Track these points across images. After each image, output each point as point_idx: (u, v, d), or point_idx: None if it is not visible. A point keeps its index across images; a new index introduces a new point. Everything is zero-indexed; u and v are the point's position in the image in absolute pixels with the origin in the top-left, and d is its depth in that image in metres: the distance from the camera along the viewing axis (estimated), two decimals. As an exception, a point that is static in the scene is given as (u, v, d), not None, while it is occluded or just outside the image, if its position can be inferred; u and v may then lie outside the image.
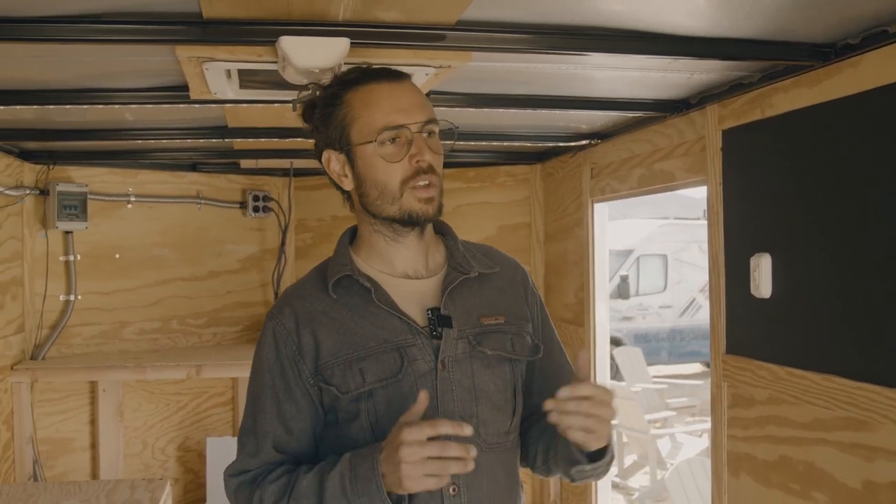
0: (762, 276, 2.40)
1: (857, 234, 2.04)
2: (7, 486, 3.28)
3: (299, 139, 3.38)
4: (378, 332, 1.66)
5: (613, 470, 8.28)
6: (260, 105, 2.64)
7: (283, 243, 4.65)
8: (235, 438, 4.22)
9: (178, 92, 2.56)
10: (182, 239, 4.44)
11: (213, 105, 2.71)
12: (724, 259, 2.62)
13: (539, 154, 4.28)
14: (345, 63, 1.98)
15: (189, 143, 3.63)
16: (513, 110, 2.95)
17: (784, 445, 2.37)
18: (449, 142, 1.76)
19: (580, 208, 3.83)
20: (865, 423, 2.03)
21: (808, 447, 2.26)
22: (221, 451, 4.22)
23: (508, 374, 1.74)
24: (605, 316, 3.76)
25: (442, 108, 2.71)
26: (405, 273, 1.73)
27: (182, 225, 4.44)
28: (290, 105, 2.47)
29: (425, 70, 2.19)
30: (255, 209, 4.56)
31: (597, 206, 3.72)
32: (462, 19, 1.93)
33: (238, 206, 4.60)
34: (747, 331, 2.55)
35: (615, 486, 8.01)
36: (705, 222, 2.80)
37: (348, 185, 1.72)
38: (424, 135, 1.65)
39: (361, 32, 1.92)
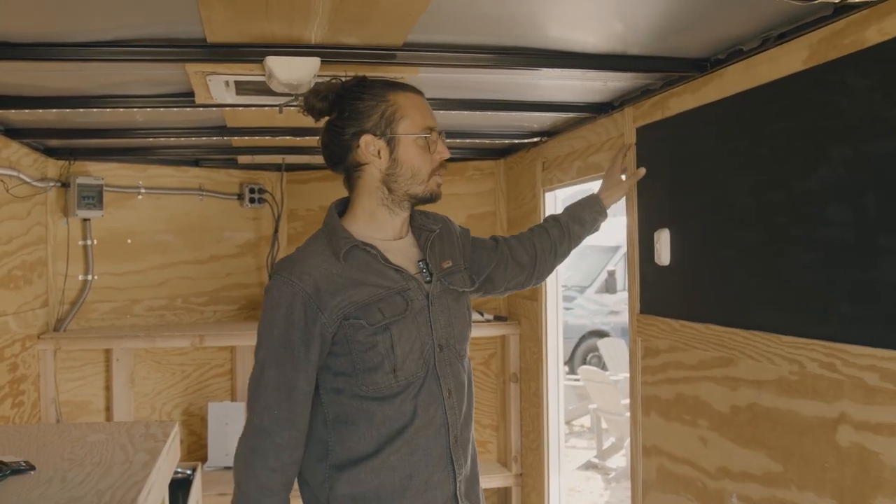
0: (662, 247, 2.86)
1: (726, 210, 2.50)
2: (43, 424, 3.77)
3: (288, 137, 3.86)
4: (384, 282, 2.10)
5: (592, 451, 8.72)
6: (254, 108, 3.09)
7: (276, 231, 5.06)
8: (234, 404, 4.72)
9: (184, 98, 3.00)
10: (186, 226, 4.85)
11: (215, 108, 3.12)
12: (637, 235, 3.10)
13: (502, 150, 4.70)
14: (317, 75, 2.49)
15: (192, 141, 4.02)
16: (477, 112, 3.37)
17: (679, 385, 2.84)
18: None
19: (535, 197, 4.29)
20: (731, 360, 2.51)
21: (695, 384, 2.73)
22: (221, 415, 4.69)
23: (465, 302, 2.28)
24: (554, 289, 4.23)
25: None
26: (392, 236, 2.18)
27: (186, 214, 4.85)
28: (277, 109, 3.01)
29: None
30: (252, 200, 4.98)
31: (547, 194, 4.19)
32: (408, 41, 2.39)
33: (236, 197, 5.01)
34: (654, 293, 3.01)
35: (593, 466, 8.42)
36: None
37: (381, 165, 2.11)
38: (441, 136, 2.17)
39: (329, 52, 2.41)
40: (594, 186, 3.11)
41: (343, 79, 2.17)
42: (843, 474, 2.05)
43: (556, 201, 4.22)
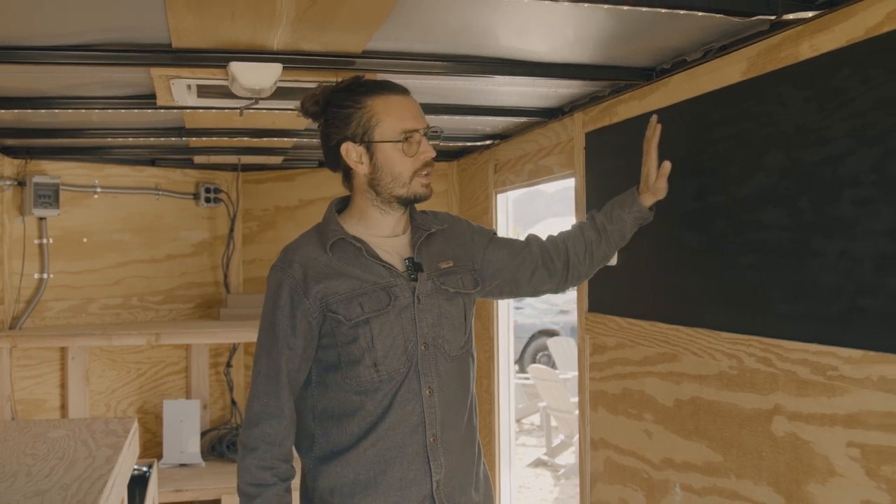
0: (611, 248, 2.99)
1: (671, 214, 2.60)
2: (2, 421, 3.79)
3: (245, 138, 3.93)
4: (369, 277, 2.12)
5: (542, 449, 8.86)
6: (214, 110, 3.17)
7: (231, 230, 5.13)
8: (189, 401, 4.76)
9: (145, 100, 3.06)
10: (141, 226, 4.88)
11: (175, 110, 3.20)
12: (586, 236, 3.21)
13: (456, 152, 4.82)
14: (280, 81, 2.57)
15: (150, 141, 4.02)
16: (433, 116, 3.43)
17: (625, 380, 2.96)
18: (436, 141, 2.24)
19: (487, 198, 4.39)
20: (675, 356, 2.63)
21: (641, 379, 2.85)
22: (176, 412, 4.73)
23: (461, 303, 2.24)
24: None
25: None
26: (386, 233, 2.19)
27: (142, 213, 4.88)
28: (238, 112, 3.08)
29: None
30: (207, 200, 5.03)
31: (499, 195, 4.31)
32: (367, 49, 2.50)
33: (191, 197, 5.06)
34: (602, 292, 3.13)
35: (543, 463, 8.55)
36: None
37: (363, 170, 2.13)
38: (426, 136, 2.14)
39: (291, 59, 2.50)
40: (545, 189, 3.21)
41: (336, 82, 2.20)
42: (778, 462, 2.17)
43: (507, 203, 4.33)
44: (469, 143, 4.33)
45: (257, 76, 2.47)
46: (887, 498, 1.83)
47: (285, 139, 3.99)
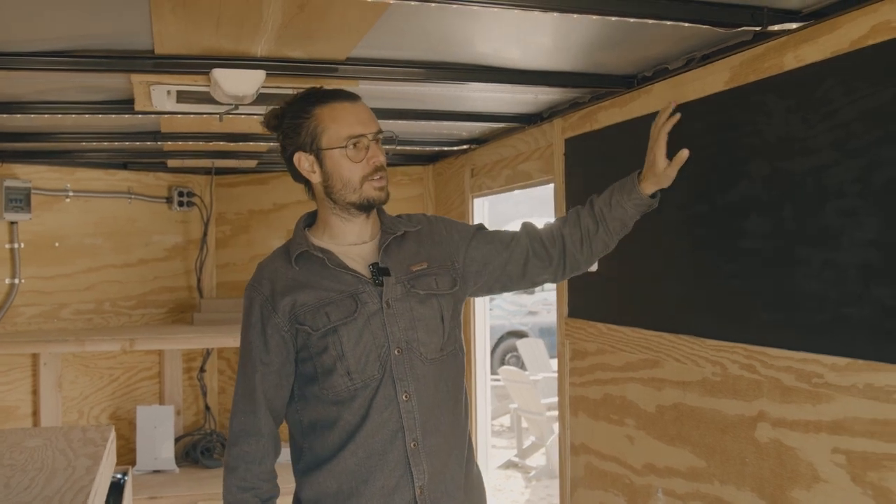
0: (591, 254, 3.00)
1: (654, 221, 2.61)
2: None
3: (222, 143, 3.91)
4: (335, 286, 2.12)
5: (513, 450, 8.89)
6: (192, 115, 3.15)
7: (205, 234, 5.09)
8: (163, 407, 4.73)
9: (122, 104, 3.04)
10: (114, 230, 4.84)
11: (151, 115, 3.14)
12: (566, 242, 3.22)
13: (431, 157, 4.82)
14: (262, 87, 2.56)
15: (124, 145, 3.99)
16: (411, 121, 3.47)
17: (607, 386, 2.98)
18: (390, 146, 2.29)
19: (463, 202, 4.40)
20: (657, 362, 2.65)
21: (622, 385, 2.87)
22: (150, 418, 4.69)
23: (437, 305, 2.20)
24: (483, 294, 4.36)
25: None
26: (353, 241, 2.20)
27: (114, 217, 4.84)
28: (218, 117, 3.06)
29: (324, 92, 2.77)
30: (180, 204, 5.00)
31: (475, 200, 4.32)
32: (351, 56, 2.50)
33: (164, 200, 5.02)
34: (582, 298, 3.14)
35: (514, 465, 8.56)
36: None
37: (316, 179, 2.16)
38: (375, 141, 2.14)
39: (274, 66, 2.49)
40: (523, 194, 3.22)
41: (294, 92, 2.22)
42: (762, 468, 2.20)
43: (484, 208, 4.34)
44: (444, 148, 4.33)
45: (240, 83, 2.46)
46: (873, 504, 1.86)
47: (261, 143, 3.97)
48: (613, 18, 2.03)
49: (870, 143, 1.84)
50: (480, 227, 2.42)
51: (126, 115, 3.14)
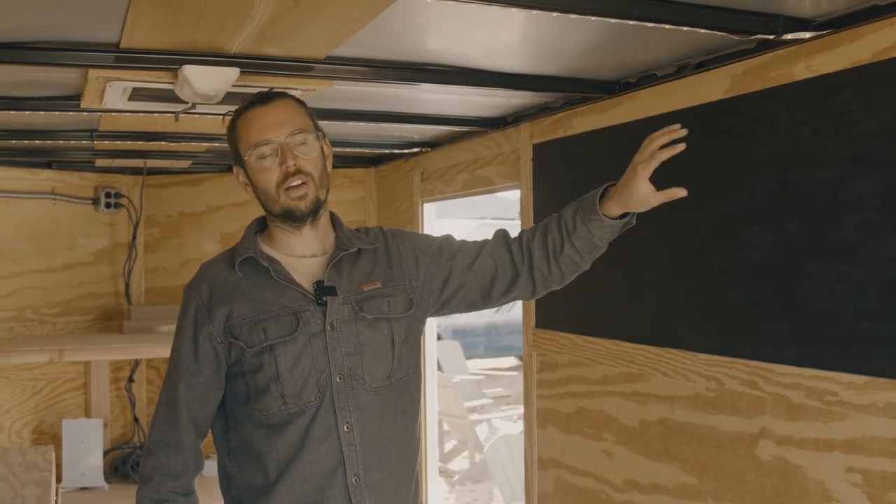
0: (563, 263, 2.93)
1: (636, 231, 2.58)
2: None
3: (163, 143, 3.72)
4: (278, 300, 1.94)
5: (434, 454, 8.80)
6: (141, 114, 2.96)
7: (133, 237, 4.86)
8: (90, 420, 4.48)
9: (66, 101, 2.85)
10: (37, 233, 4.58)
11: (88, 112, 2.95)
12: (533, 250, 3.14)
13: (374, 159, 4.69)
14: (233, 86, 2.41)
15: (51, 143, 3.77)
16: (358, 122, 3.35)
17: (581, 399, 2.91)
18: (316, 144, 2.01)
19: (412, 207, 4.29)
20: (641, 376, 2.59)
21: (600, 398, 2.81)
22: (76, 432, 4.45)
23: (387, 329, 2.00)
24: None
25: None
26: (303, 254, 2.01)
27: (37, 220, 4.57)
28: (173, 116, 2.89)
29: (294, 92, 2.62)
30: (107, 205, 4.75)
31: (426, 205, 4.21)
32: (329, 55, 2.38)
33: (90, 202, 4.77)
34: (553, 308, 3.06)
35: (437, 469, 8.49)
36: (519, 222, 3.33)
37: (250, 192, 2.02)
38: (293, 141, 1.93)
39: (249, 63, 2.34)
40: (476, 200, 3.13)
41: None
42: (764, 486, 2.14)
43: (434, 213, 4.25)
44: (392, 151, 4.22)
45: (212, 81, 2.31)
46: (894, 525, 1.82)
47: (203, 143, 3.79)
48: (613, 21, 1.95)
49: (893, 156, 1.80)
50: (447, 238, 2.21)
51: (70, 113, 2.94)
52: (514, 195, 3.43)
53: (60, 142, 3.65)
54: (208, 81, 2.31)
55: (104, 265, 4.86)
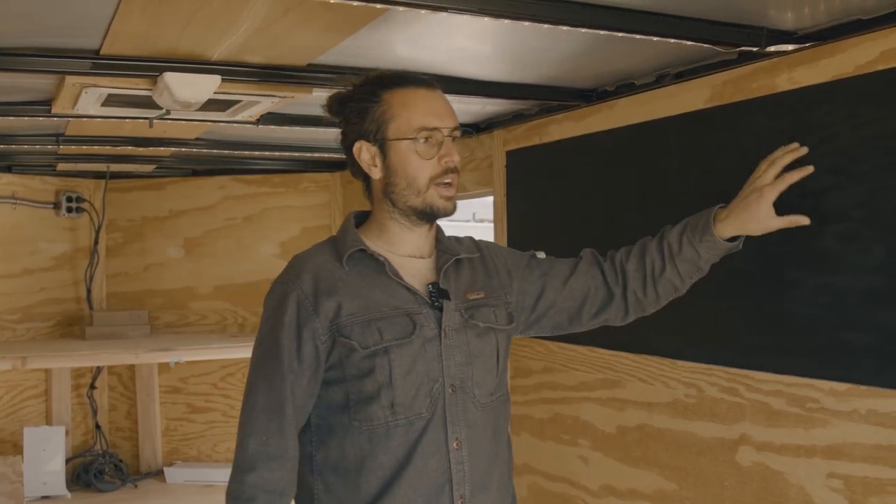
0: (537, 270, 2.94)
1: (614, 237, 2.59)
2: None
3: (129, 147, 3.68)
4: (389, 300, 1.80)
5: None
6: (112, 119, 2.92)
7: (95, 242, 4.79)
8: (52, 428, 4.40)
9: (37, 105, 2.80)
10: (-4, 237, 4.50)
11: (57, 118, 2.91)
12: (506, 256, 3.16)
13: (340, 163, 4.65)
14: (214, 93, 2.39)
15: (14, 147, 3.72)
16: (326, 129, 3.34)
17: (556, 405, 2.92)
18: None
19: (379, 213, 4.27)
20: (618, 382, 2.60)
21: (576, 404, 2.81)
22: (38, 440, 4.38)
23: (494, 341, 1.90)
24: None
25: (269, 126, 3.13)
26: (411, 254, 1.88)
27: (-4, 224, 4.50)
28: (147, 122, 2.86)
29: (271, 99, 2.62)
30: (69, 209, 4.69)
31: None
32: (310, 63, 2.37)
33: (52, 206, 4.69)
34: (525, 314, 3.08)
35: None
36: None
37: (377, 174, 1.84)
38: (450, 139, 1.84)
39: (229, 70, 2.32)
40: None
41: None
42: (744, 492, 2.17)
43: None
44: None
45: (194, 88, 2.28)
46: (876, 530, 1.85)
47: (171, 147, 3.75)
48: (602, 33, 1.96)
49: (875, 168, 1.83)
50: (534, 255, 2.13)
51: (41, 118, 2.89)
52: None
53: (25, 146, 3.58)
54: (190, 89, 2.29)
55: (65, 270, 4.79)
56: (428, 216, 1.85)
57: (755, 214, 1.91)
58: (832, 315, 1.94)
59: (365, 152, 1.85)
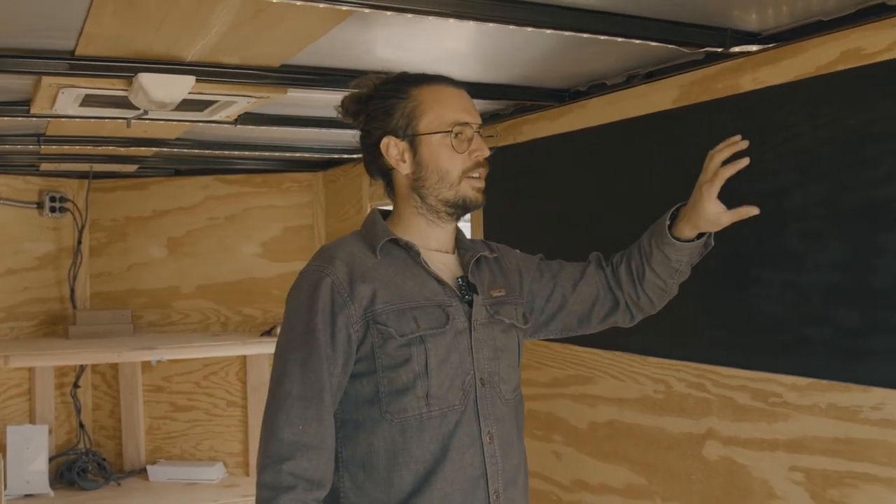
0: (513, 268, 2.98)
1: (585, 236, 2.64)
2: None
3: (111, 147, 3.69)
4: (422, 290, 1.82)
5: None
6: (92, 119, 2.94)
7: (79, 242, 4.80)
8: (35, 426, 4.42)
9: (15, 106, 2.84)
10: (-20, 238, 4.51)
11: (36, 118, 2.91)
12: (483, 255, 3.19)
13: (322, 163, 4.71)
14: (190, 93, 2.41)
15: (-2, 147, 3.77)
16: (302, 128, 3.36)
17: (531, 402, 2.91)
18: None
19: (360, 211, 4.30)
20: (590, 379, 2.65)
21: (549, 401, 2.85)
22: (21, 439, 4.39)
23: (516, 338, 1.96)
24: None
25: (249, 126, 3.16)
26: (435, 247, 1.91)
27: (-21, 224, 4.50)
28: (125, 122, 2.88)
29: (247, 99, 2.64)
30: (52, 209, 4.69)
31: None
32: (284, 63, 2.40)
33: (35, 206, 4.70)
34: (501, 312, 3.12)
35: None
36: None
37: (405, 169, 1.86)
38: (478, 134, 1.88)
39: (204, 71, 2.35)
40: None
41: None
42: (711, 486, 2.21)
43: (383, 217, 4.26)
44: (337, 156, 4.23)
45: (168, 89, 2.31)
46: (836, 522, 1.89)
47: (152, 147, 3.77)
48: (568, 34, 1.99)
49: (835, 167, 1.87)
50: (542, 258, 2.17)
51: (20, 118, 2.91)
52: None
53: (7, 146, 3.60)
54: (163, 89, 2.31)
55: (49, 270, 4.79)
56: (461, 208, 1.89)
57: (702, 212, 1.96)
58: (794, 312, 1.97)
59: (393, 147, 1.87)
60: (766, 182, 2.02)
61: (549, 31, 1.93)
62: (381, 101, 1.88)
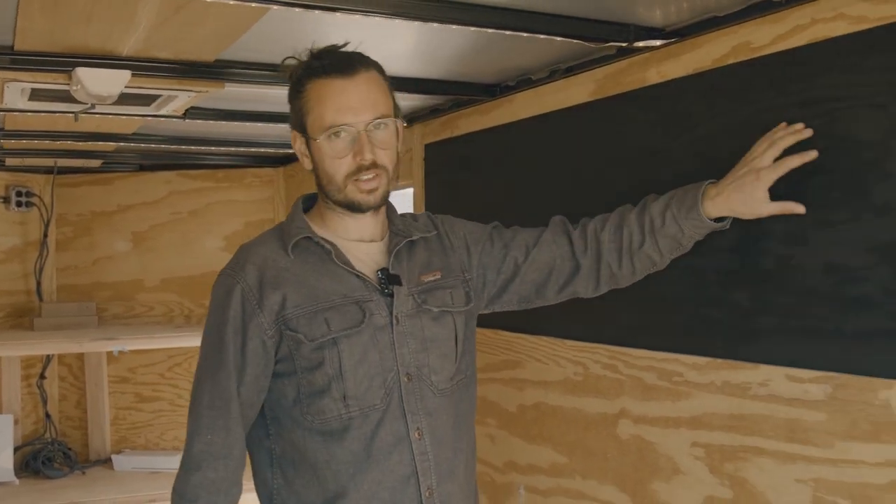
0: (452, 257, 3.07)
1: (515, 220, 2.71)
2: None
3: (69, 141, 3.77)
4: (338, 288, 1.77)
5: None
6: (44, 113, 3.04)
7: (45, 236, 4.87)
8: (2, 416, 4.47)
9: (-32, 101, 2.93)
10: (-54, 231, 4.57)
11: None
12: (426, 246, 3.28)
13: (283, 158, 4.78)
14: (127, 87, 2.49)
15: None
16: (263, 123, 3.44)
17: (468, 386, 3.06)
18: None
19: (318, 206, 4.39)
20: (518, 363, 2.74)
21: (484, 386, 2.92)
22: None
23: (451, 324, 1.88)
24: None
25: (201, 121, 3.23)
26: (356, 237, 1.84)
27: (-54, 218, 4.56)
28: (73, 116, 2.96)
29: (187, 93, 2.72)
30: (18, 204, 4.75)
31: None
32: (219, 58, 2.49)
33: (1, 200, 4.75)
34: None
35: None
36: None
37: (308, 165, 1.83)
38: (372, 128, 1.75)
39: (140, 66, 2.44)
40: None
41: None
42: (624, 463, 2.31)
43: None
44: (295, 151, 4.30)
45: (105, 83, 2.39)
46: (730, 493, 1.99)
47: (110, 143, 3.85)
48: (489, 31, 2.08)
49: (730, 154, 1.96)
50: (497, 225, 2.07)
51: (-28, 112, 2.99)
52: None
53: (-35, 141, 3.68)
54: (101, 83, 2.40)
55: (15, 263, 4.85)
56: (352, 209, 1.81)
57: (749, 197, 1.78)
58: (693, 293, 2.07)
59: (298, 142, 1.85)
60: (671, 169, 2.11)
61: (472, 29, 2.02)
62: (291, 91, 1.85)
